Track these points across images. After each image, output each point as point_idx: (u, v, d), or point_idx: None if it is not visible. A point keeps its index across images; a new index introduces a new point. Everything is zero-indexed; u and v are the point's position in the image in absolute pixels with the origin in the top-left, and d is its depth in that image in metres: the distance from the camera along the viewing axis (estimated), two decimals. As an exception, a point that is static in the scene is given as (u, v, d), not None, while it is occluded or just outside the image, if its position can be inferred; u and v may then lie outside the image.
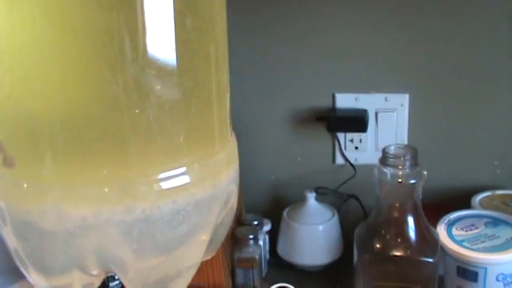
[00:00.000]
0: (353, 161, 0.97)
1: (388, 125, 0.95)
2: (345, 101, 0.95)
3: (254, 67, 0.96)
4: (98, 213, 0.41)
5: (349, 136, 0.96)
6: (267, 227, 0.94)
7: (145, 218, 0.42)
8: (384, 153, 0.69)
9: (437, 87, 0.92)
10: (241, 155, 0.55)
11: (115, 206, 0.41)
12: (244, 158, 0.82)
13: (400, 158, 0.68)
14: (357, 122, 0.92)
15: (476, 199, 0.87)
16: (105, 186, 0.41)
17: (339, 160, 0.98)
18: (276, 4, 0.92)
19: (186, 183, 0.44)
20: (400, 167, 0.68)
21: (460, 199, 0.92)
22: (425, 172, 0.69)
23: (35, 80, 0.40)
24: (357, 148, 0.97)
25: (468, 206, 0.86)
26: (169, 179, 0.43)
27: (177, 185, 0.43)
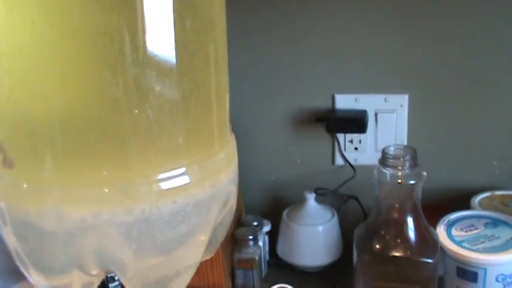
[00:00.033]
0: (352, 161, 0.97)
1: (387, 125, 0.95)
2: (344, 101, 0.95)
3: (253, 68, 0.96)
4: (98, 214, 0.41)
5: (348, 137, 0.96)
6: (267, 228, 0.94)
7: (145, 218, 0.42)
8: (384, 154, 0.69)
9: (437, 88, 0.92)
10: (240, 156, 0.55)
11: (115, 207, 0.41)
12: (244, 159, 0.82)
13: (399, 159, 0.68)
14: (356, 122, 0.92)
15: (476, 200, 0.87)
16: (105, 187, 0.41)
17: (339, 161, 0.98)
18: (275, 5, 0.92)
19: (186, 184, 0.44)
20: (399, 168, 0.68)
21: (459, 200, 0.92)
22: (424, 173, 0.69)
23: (35, 81, 0.40)
24: (356, 149, 0.97)
25: (467, 207, 0.86)
26: (169, 180, 0.43)
27: (177, 185, 0.43)
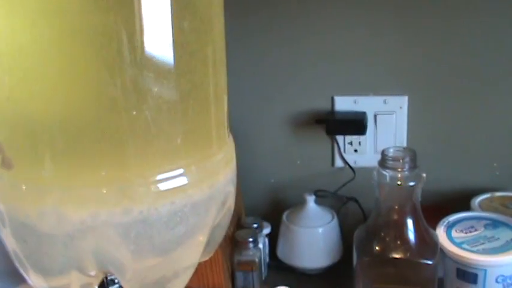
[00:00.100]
0: (352, 163, 0.97)
1: (387, 127, 0.95)
2: (343, 103, 0.95)
3: (253, 69, 0.96)
4: (96, 215, 0.41)
5: (348, 139, 0.96)
6: (267, 230, 0.94)
7: (143, 219, 0.42)
8: (383, 155, 0.69)
9: (436, 89, 0.92)
10: (240, 158, 0.55)
11: (113, 208, 0.41)
12: (244, 161, 0.82)
13: (399, 161, 0.68)
14: (356, 124, 0.92)
15: (476, 201, 0.87)
16: (103, 188, 0.41)
17: (338, 163, 0.98)
18: (275, 6, 0.92)
19: (184, 185, 0.44)
20: (399, 170, 0.68)
21: (459, 201, 0.92)
22: (424, 174, 0.69)
23: (34, 82, 0.40)
24: (356, 151, 0.96)
25: (467, 208, 0.86)
26: (167, 181, 0.43)
27: (175, 186, 0.43)
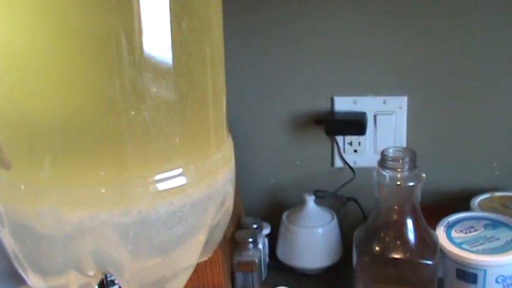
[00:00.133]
0: (352, 163, 0.97)
1: (386, 127, 0.95)
2: (343, 104, 0.95)
3: (252, 69, 0.96)
4: (95, 215, 0.41)
5: (347, 139, 0.96)
6: (267, 231, 0.94)
7: (142, 219, 0.42)
8: (383, 156, 0.69)
9: (436, 90, 0.92)
10: (239, 158, 0.55)
11: (112, 208, 0.41)
12: (243, 162, 0.82)
13: (398, 161, 0.68)
14: (355, 125, 0.92)
15: (475, 201, 0.87)
16: (102, 188, 0.41)
17: (338, 163, 0.98)
18: (275, 6, 0.92)
19: (183, 185, 0.44)
20: (398, 170, 0.68)
21: (459, 201, 0.92)
22: (424, 174, 0.69)
23: (33, 82, 0.40)
24: (355, 151, 0.96)
25: (467, 208, 0.86)
26: (166, 181, 0.43)
27: (174, 186, 0.43)
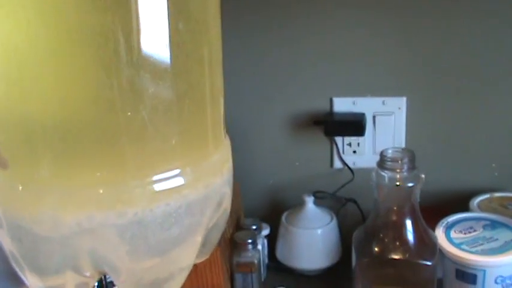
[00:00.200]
0: (351, 164, 0.97)
1: (385, 128, 0.95)
2: (342, 104, 0.95)
3: (252, 69, 0.96)
4: (92, 216, 0.41)
5: (347, 140, 0.96)
6: (266, 232, 0.93)
7: (138, 220, 0.41)
8: (382, 156, 0.69)
9: (435, 90, 0.92)
10: (239, 159, 0.55)
11: (109, 209, 0.41)
12: (242, 163, 0.82)
13: (397, 162, 0.68)
14: (354, 125, 0.92)
15: (475, 202, 0.87)
16: (99, 189, 0.41)
17: (337, 164, 0.98)
18: (275, 6, 0.92)
19: (180, 185, 0.44)
20: (398, 171, 0.68)
21: (458, 202, 0.92)
22: (423, 175, 0.69)
23: (30, 82, 0.40)
24: (354, 152, 0.96)
25: (466, 209, 0.86)
26: (163, 181, 0.43)
27: (171, 187, 0.43)
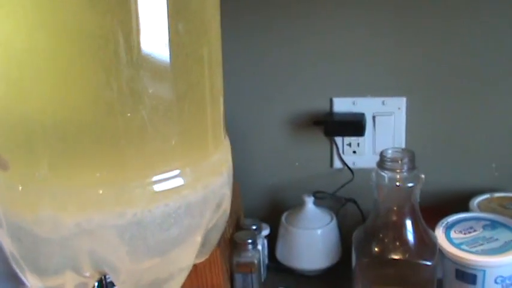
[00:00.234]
0: (351, 164, 0.97)
1: (385, 128, 0.95)
2: (342, 105, 0.95)
3: (252, 69, 0.96)
4: (92, 217, 0.41)
5: (346, 140, 0.96)
6: (266, 232, 0.93)
7: (137, 221, 0.42)
8: (382, 156, 0.69)
9: (435, 90, 0.92)
10: (239, 159, 0.55)
11: (108, 210, 0.41)
12: (242, 163, 0.82)
13: (397, 162, 0.68)
14: (354, 126, 0.92)
15: (474, 202, 0.87)
16: (99, 189, 0.41)
17: (337, 164, 0.98)
18: (275, 6, 0.92)
19: (179, 186, 0.44)
20: (397, 171, 0.68)
21: (458, 202, 0.92)
22: (423, 175, 0.69)
23: (30, 83, 0.40)
24: (354, 152, 0.96)
25: (466, 209, 0.86)
26: (163, 182, 0.43)
27: (171, 187, 0.43)
